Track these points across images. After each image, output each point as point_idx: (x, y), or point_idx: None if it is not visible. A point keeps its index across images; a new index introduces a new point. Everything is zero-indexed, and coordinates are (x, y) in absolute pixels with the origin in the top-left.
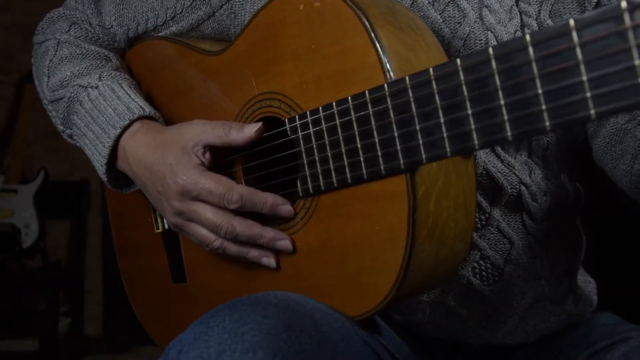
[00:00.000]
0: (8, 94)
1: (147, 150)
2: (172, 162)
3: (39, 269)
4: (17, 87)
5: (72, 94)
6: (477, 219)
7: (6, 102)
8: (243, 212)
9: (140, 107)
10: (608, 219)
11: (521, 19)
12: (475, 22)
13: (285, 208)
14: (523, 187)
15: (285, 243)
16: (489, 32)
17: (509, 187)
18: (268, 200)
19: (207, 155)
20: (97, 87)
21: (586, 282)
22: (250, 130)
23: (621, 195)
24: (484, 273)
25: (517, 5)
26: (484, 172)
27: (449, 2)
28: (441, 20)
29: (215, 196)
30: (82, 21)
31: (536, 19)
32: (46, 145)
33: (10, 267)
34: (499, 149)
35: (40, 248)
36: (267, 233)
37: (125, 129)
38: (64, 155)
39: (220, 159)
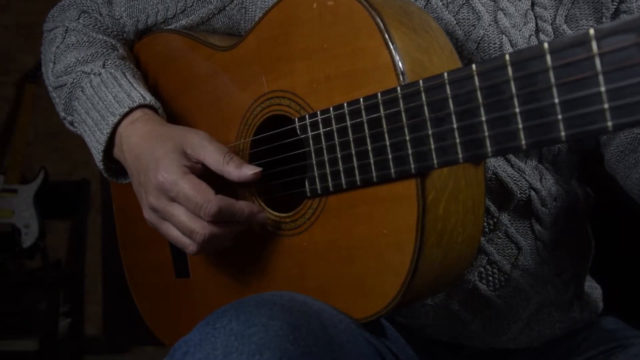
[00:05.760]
0: (8, 94)
1: (142, 140)
2: (160, 156)
3: (39, 269)
4: (17, 87)
5: (75, 80)
6: (485, 224)
7: (6, 102)
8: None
9: (141, 95)
10: (616, 222)
11: (536, 23)
12: (489, 25)
13: (261, 216)
14: (533, 192)
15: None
16: (503, 36)
17: (518, 192)
18: (245, 209)
19: (198, 165)
20: (99, 74)
21: (592, 288)
22: (247, 172)
23: (630, 200)
24: (490, 278)
25: (533, 10)
26: (493, 176)
27: (463, 4)
28: (455, 22)
29: (191, 204)
30: (93, 10)
31: (552, 24)
32: (46, 145)
33: (10, 267)
34: (509, 154)
35: (40, 248)
36: (240, 225)
37: (125, 116)
38: (64, 155)
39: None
